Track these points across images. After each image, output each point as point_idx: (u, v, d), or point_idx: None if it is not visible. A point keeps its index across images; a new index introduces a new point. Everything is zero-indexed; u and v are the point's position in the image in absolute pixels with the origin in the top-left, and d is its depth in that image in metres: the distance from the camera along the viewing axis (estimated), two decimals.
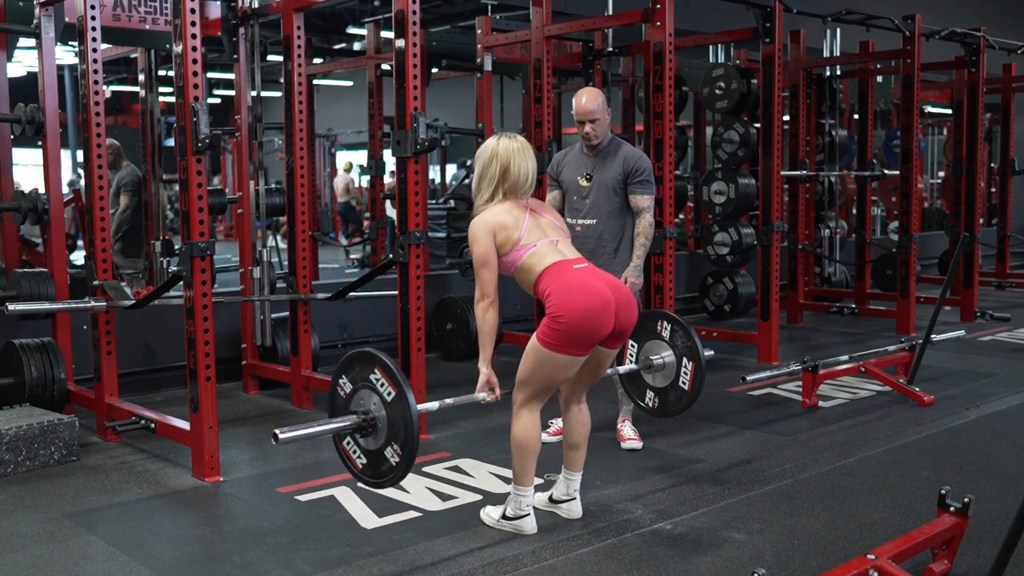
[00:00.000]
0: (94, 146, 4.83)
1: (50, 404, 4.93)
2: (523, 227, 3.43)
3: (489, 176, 3.49)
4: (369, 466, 3.22)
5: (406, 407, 3.07)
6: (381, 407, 3.14)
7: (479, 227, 3.43)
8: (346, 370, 3.26)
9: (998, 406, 5.44)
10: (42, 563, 3.33)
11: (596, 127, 4.47)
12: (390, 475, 3.17)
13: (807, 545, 3.41)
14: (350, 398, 3.24)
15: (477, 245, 3.42)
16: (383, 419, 3.14)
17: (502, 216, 3.44)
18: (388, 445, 3.13)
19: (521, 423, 3.46)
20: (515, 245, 3.41)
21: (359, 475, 3.28)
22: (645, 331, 4.12)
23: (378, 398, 3.14)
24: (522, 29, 7.12)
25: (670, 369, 4.08)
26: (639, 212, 4.49)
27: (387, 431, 3.13)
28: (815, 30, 8.60)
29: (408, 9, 4.56)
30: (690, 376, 4.02)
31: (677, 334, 4.04)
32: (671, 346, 4.06)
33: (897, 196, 9.19)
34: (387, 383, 3.11)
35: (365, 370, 3.18)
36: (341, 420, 3.20)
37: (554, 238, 3.48)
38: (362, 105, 8.40)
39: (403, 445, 3.10)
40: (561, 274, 3.36)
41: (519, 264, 3.42)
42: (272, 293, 5.73)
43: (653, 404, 4.18)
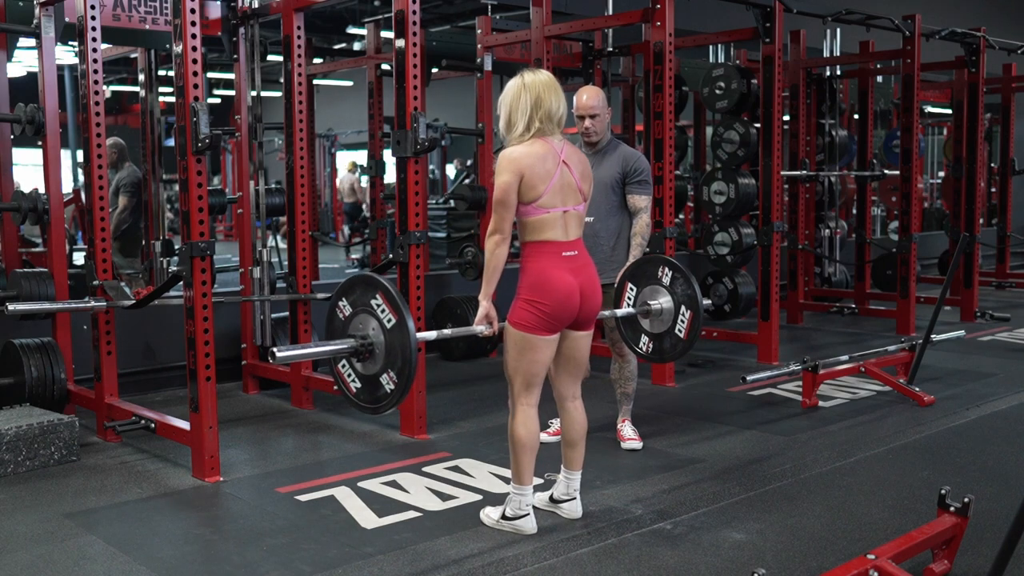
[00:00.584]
0: (94, 146, 4.83)
1: (50, 404, 4.93)
2: (550, 184, 3.38)
3: (521, 108, 3.41)
4: (364, 391, 3.20)
5: (405, 334, 3.03)
6: (380, 333, 3.10)
7: (509, 161, 3.36)
8: (347, 293, 3.22)
9: (998, 406, 5.44)
10: (42, 563, 3.33)
11: (596, 123, 4.47)
12: (384, 401, 3.15)
13: (807, 545, 3.41)
14: (348, 321, 3.20)
15: (501, 177, 3.36)
16: (381, 344, 3.10)
17: (536, 163, 3.37)
18: (384, 372, 3.11)
19: (518, 420, 3.47)
20: (535, 200, 3.37)
21: (353, 399, 3.26)
22: (645, 276, 4.12)
23: (377, 323, 3.11)
24: (522, 29, 7.12)
25: (667, 316, 4.08)
26: (637, 212, 4.50)
27: (384, 357, 3.10)
28: (815, 30, 8.60)
29: (408, 9, 4.57)
30: (687, 324, 4.01)
31: (677, 281, 4.03)
32: (670, 293, 4.06)
33: (897, 196, 9.20)
34: (388, 309, 3.08)
35: (366, 294, 3.15)
36: (339, 343, 3.17)
37: (568, 208, 3.44)
38: (362, 105, 8.39)
39: (399, 373, 3.07)
40: (545, 257, 3.39)
41: (527, 219, 3.42)
42: (272, 293, 5.73)
43: (647, 349, 4.18)
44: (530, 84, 3.42)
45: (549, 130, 3.44)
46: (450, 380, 6.28)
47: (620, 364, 4.68)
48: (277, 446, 4.88)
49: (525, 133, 3.41)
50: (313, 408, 5.52)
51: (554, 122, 3.45)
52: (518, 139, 3.41)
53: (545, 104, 3.41)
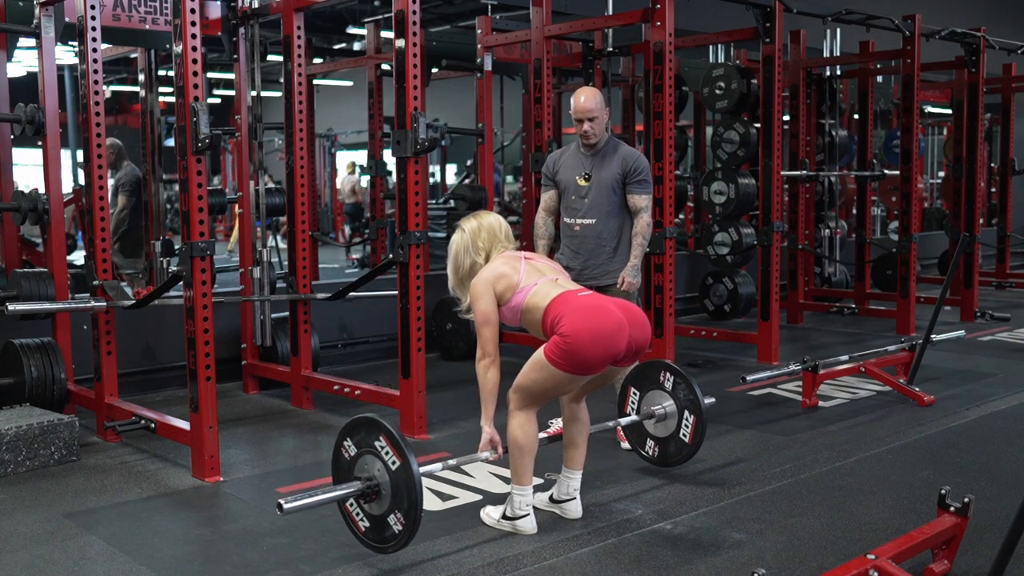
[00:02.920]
0: (94, 146, 4.83)
1: (50, 404, 4.93)
2: (521, 271, 3.47)
3: (465, 247, 3.56)
4: (372, 530, 3.24)
5: (410, 477, 3.07)
6: (385, 473, 3.15)
7: (479, 284, 3.46)
8: (351, 434, 3.27)
9: (998, 406, 5.44)
10: (42, 563, 3.33)
11: (594, 125, 4.47)
12: (393, 542, 3.17)
13: (807, 545, 3.41)
14: (354, 461, 3.25)
15: (479, 302, 3.44)
16: (387, 485, 3.14)
17: (499, 267, 3.49)
18: (392, 512, 3.15)
19: (517, 422, 3.46)
20: (516, 289, 3.44)
21: (362, 539, 3.28)
22: (648, 380, 4.14)
23: (382, 464, 3.15)
24: (522, 29, 7.12)
25: (671, 420, 4.10)
26: (637, 212, 4.50)
27: (391, 498, 3.14)
28: (815, 30, 8.60)
29: (408, 9, 4.56)
30: (691, 429, 4.03)
31: (680, 386, 4.05)
32: (673, 397, 4.07)
33: (897, 196, 9.20)
34: (391, 451, 3.13)
35: (370, 436, 3.20)
36: (346, 487, 3.21)
37: (553, 276, 3.51)
38: (362, 105, 8.40)
39: (406, 515, 3.11)
40: (569, 302, 3.37)
41: (524, 305, 3.43)
42: (272, 293, 5.73)
43: (653, 453, 4.20)
44: (467, 227, 3.61)
45: (498, 247, 3.57)
46: (450, 380, 6.28)
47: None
48: (277, 446, 4.88)
49: (478, 261, 3.54)
50: (313, 408, 5.52)
51: (500, 237, 3.58)
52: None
53: (485, 229, 3.58)
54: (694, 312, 8.69)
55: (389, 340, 6.61)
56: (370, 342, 7.02)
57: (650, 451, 4.20)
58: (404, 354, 4.80)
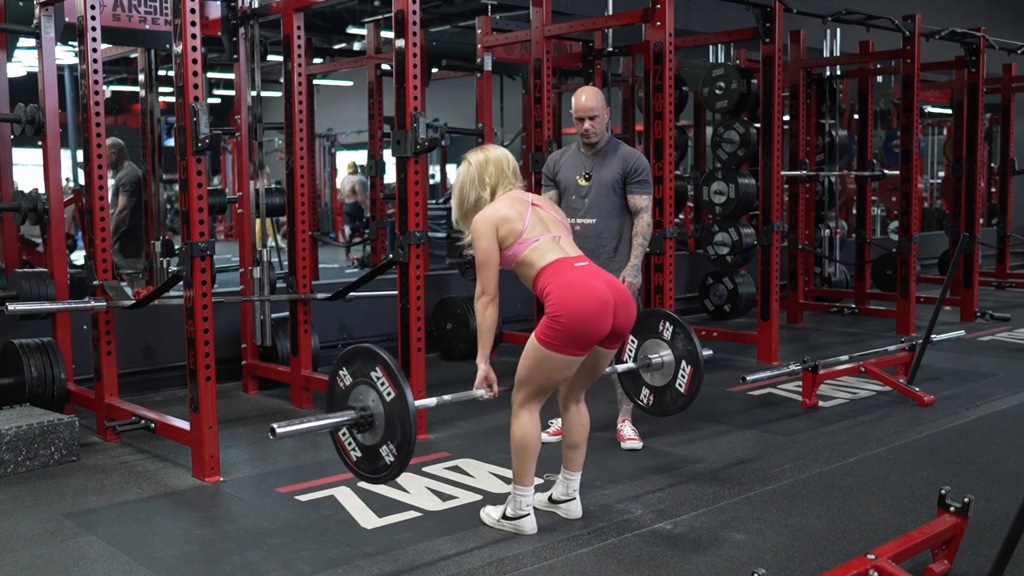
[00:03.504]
0: (94, 146, 4.83)
1: (50, 404, 4.93)
2: (526, 220, 3.43)
3: (470, 180, 3.51)
4: (364, 460, 3.22)
5: (404, 409, 3.06)
6: (379, 404, 3.13)
7: (482, 222, 3.42)
8: (347, 363, 3.25)
9: (998, 406, 5.44)
10: (42, 563, 3.33)
11: (595, 124, 4.47)
12: (384, 472, 3.17)
13: (807, 545, 3.41)
14: (349, 391, 3.23)
15: (480, 240, 3.41)
16: (380, 416, 3.13)
17: (505, 209, 3.44)
18: (384, 444, 3.13)
19: (521, 423, 3.46)
20: (518, 238, 3.41)
21: (353, 468, 3.28)
22: (646, 329, 4.11)
23: (377, 395, 3.14)
24: (522, 29, 7.12)
25: (668, 369, 4.07)
26: (637, 212, 4.50)
27: (384, 429, 3.12)
28: (815, 30, 8.60)
29: (408, 9, 4.56)
30: (687, 380, 4.02)
31: (678, 336, 4.03)
32: (671, 347, 4.06)
33: (897, 196, 9.20)
34: (387, 382, 3.11)
35: (366, 366, 3.18)
36: (339, 415, 3.19)
37: (556, 234, 3.48)
38: (362, 105, 8.40)
39: (399, 446, 3.10)
40: (561, 272, 3.36)
41: (521, 258, 3.42)
42: (272, 293, 5.73)
43: (648, 402, 4.18)
44: (473, 160, 3.53)
45: (505, 184, 3.51)
46: (450, 380, 6.28)
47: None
48: (277, 446, 4.87)
49: (483, 196, 3.49)
50: (313, 408, 5.52)
51: (508, 173, 3.52)
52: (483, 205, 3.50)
53: (492, 163, 3.51)
54: (694, 312, 8.69)
55: (389, 340, 6.59)
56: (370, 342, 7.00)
57: (645, 399, 4.19)
58: (404, 354, 4.80)
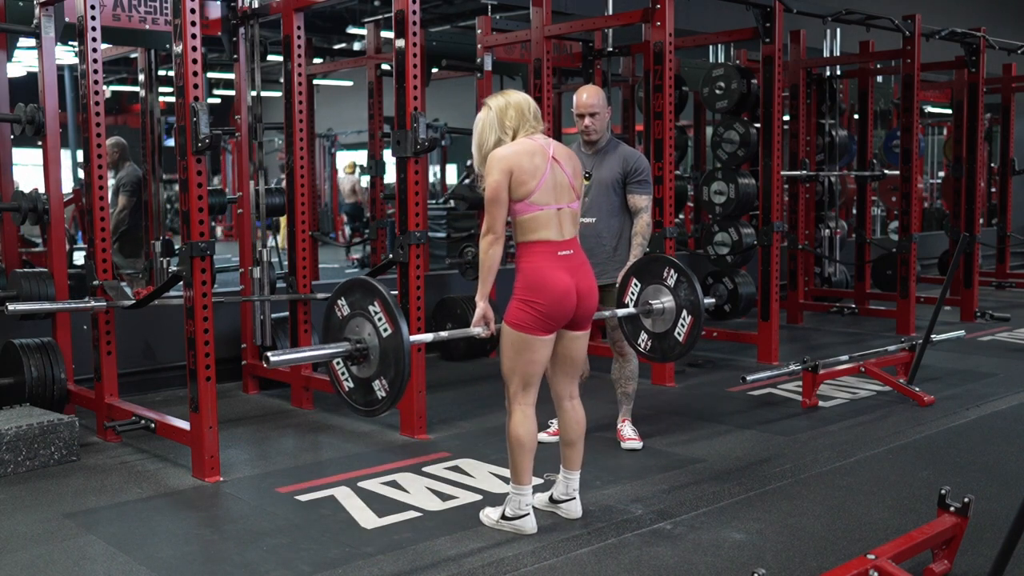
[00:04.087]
0: (94, 146, 4.83)
1: (50, 404, 4.93)
2: (541, 180, 3.39)
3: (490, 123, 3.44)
4: (356, 391, 3.23)
5: (399, 346, 3.05)
6: (375, 338, 3.12)
7: (497, 160, 3.37)
8: (346, 293, 3.24)
9: (998, 406, 5.44)
10: (42, 563, 3.33)
11: (595, 121, 4.47)
12: (376, 406, 3.18)
13: (807, 545, 3.41)
14: (345, 322, 3.22)
15: (491, 176, 3.37)
16: (376, 350, 3.12)
17: (524, 158, 3.38)
18: (377, 378, 3.13)
19: (516, 420, 3.47)
20: (527, 196, 3.38)
21: (345, 397, 3.28)
22: (651, 275, 4.11)
23: (373, 329, 3.13)
24: (522, 29, 7.12)
25: (668, 316, 4.07)
26: (637, 212, 4.51)
27: (378, 363, 3.13)
28: (815, 30, 8.60)
29: (408, 9, 4.56)
30: (687, 329, 4.01)
31: (682, 285, 4.02)
32: (673, 295, 4.05)
33: (897, 196, 9.20)
34: (384, 318, 3.10)
35: (365, 299, 3.17)
36: (334, 347, 3.20)
37: (561, 205, 3.45)
38: (362, 105, 8.39)
39: (391, 382, 3.10)
40: (541, 257, 3.39)
41: (520, 218, 3.42)
42: (272, 293, 5.73)
43: (646, 347, 4.18)
44: (493, 104, 3.48)
45: (526, 127, 3.44)
46: (450, 380, 6.28)
47: (621, 364, 4.68)
48: (277, 446, 4.88)
49: (504, 139, 3.43)
50: (313, 408, 5.52)
51: (529, 117, 3.45)
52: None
53: (513, 107, 3.45)
54: None
55: None
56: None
57: (643, 344, 4.19)
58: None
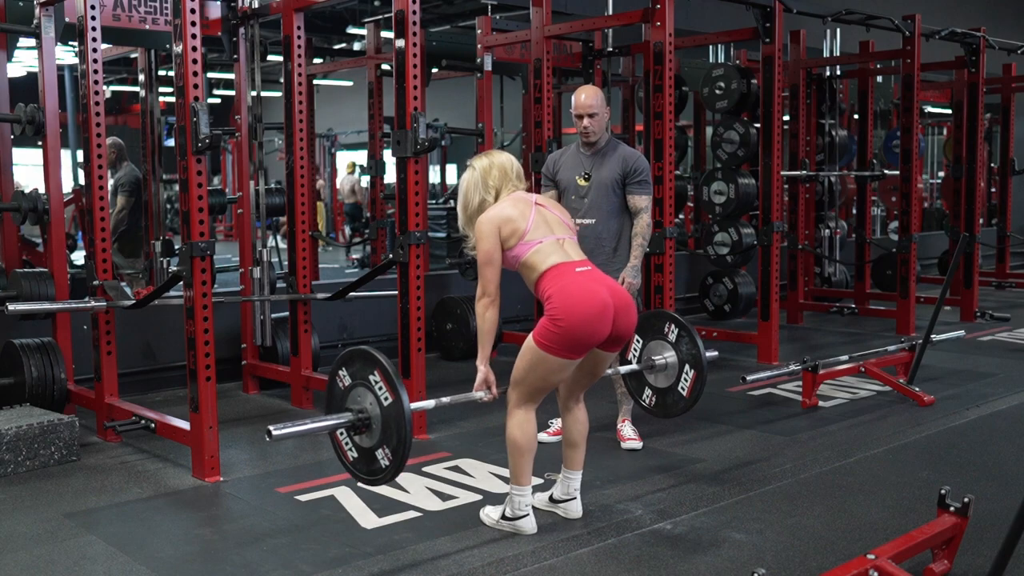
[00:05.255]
0: (94, 146, 4.83)
1: (50, 404, 4.93)
2: (529, 220, 3.43)
3: (474, 184, 3.52)
4: (360, 461, 3.23)
5: (400, 414, 3.07)
6: (376, 407, 3.15)
7: (485, 223, 3.43)
8: (347, 364, 3.26)
9: (998, 406, 5.44)
10: (42, 563, 3.33)
11: (594, 122, 4.46)
12: (380, 475, 3.18)
13: (807, 545, 3.41)
14: (347, 392, 3.24)
15: (482, 241, 3.41)
16: (377, 419, 3.14)
17: (508, 209, 3.44)
18: (380, 447, 3.15)
19: (516, 422, 3.46)
20: (521, 239, 3.41)
21: (349, 467, 3.29)
22: (652, 330, 4.11)
23: (374, 398, 3.15)
24: (522, 29, 7.12)
25: (671, 371, 4.07)
26: (637, 212, 4.49)
27: (380, 433, 3.14)
28: (815, 30, 8.60)
29: (408, 9, 4.56)
30: (690, 383, 4.02)
31: (683, 339, 4.03)
32: (675, 349, 4.06)
33: (897, 196, 9.20)
34: (385, 387, 3.12)
35: (365, 369, 3.19)
36: (336, 418, 3.21)
37: (560, 236, 3.47)
38: (362, 105, 8.39)
39: (394, 451, 3.11)
40: (563, 277, 3.35)
41: (523, 260, 3.42)
42: (272, 293, 5.73)
43: (650, 403, 4.18)
44: (477, 165, 3.55)
45: (509, 186, 3.52)
46: (450, 380, 6.28)
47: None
48: (277, 446, 4.87)
49: (487, 199, 3.49)
50: (313, 408, 5.52)
51: (512, 176, 3.53)
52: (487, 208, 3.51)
53: (496, 167, 3.52)
54: (694, 312, 8.69)
55: (389, 340, 6.59)
56: (370, 342, 7.01)
57: (648, 400, 4.19)
58: (404, 354, 4.80)
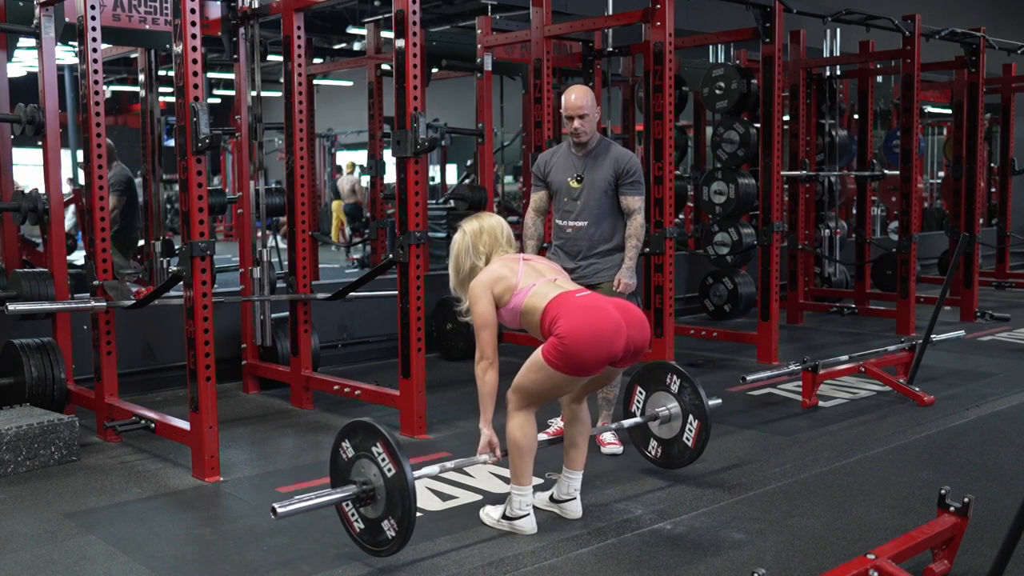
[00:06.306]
0: (94, 146, 4.83)
1: (50, 404, 4.93)
2: (519, 273, 3.48)
3: (465, 249, 3.57)
4: (367, 533, 3.26)
5: (404, 485, 3.08)
6: (380, 478, 3.16)
7: (478, 286, 3.47)
8: (349, 435, 3.28)
9: (998, 406, 5.44)
10: (42, 563, 3.33)
11: (585, 123, 4.45)
12: (386, 546, 3.19)
13: (807, 545, 3.41)
14: (351, 464, 3.26)
15: (477, 305, 3.45)
16: (382, 491, 3.16)
17: (498, 269, 3.50)
18: (386, 518, 3.16)
19: (516, 423, 3.45)
20: (514, 291, 3.44)
21: (356, 539, 3.30)
22: (655, 381, 4.14)
23: (378, 470, 3.17)
24: (522, 29, 7.12)
25: (675, 422, 4.10)
26: (630, 214, 4.46)
27: (385, 504, 3.16)
28: (815, 30, 8.60)
29: (408, 9, 4.56)
30: (695, 434, 4.03)
31: (686, 391, 4.05)
32: (678, 400, 4.07)
33: (897, 196, 9.20)
34: (388, 459, 3.14)
35: (367, 441, 3.20)
36: (341, 491, 3.23)
37: (552, 277, 3.51)
38: (362, 105, 8.40)
39: (399, 522, 3.13)
40: (567, 303, 3.36)
41: (522, 307, 3.43)
42: (272, 293, 5.73)
43: (656, 454, 4.20)
44: (468, 229, 3.60)
45: (499, 251, 3.58)
46: (450, 380, 6.28)
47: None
48: (277, 446, 4.88)
49: (478, 264, 3.54)
50: (313, 408, 5.52)
51: (502, 241, 3.59)
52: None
53: (487, 232, 3.58)
54: (694, 312, 8.69)
55: (389, 340, 6.60)
56: (370, 342, 7.02)
57: (653, 451, 4.20)
58: (404, 354, 4.80)
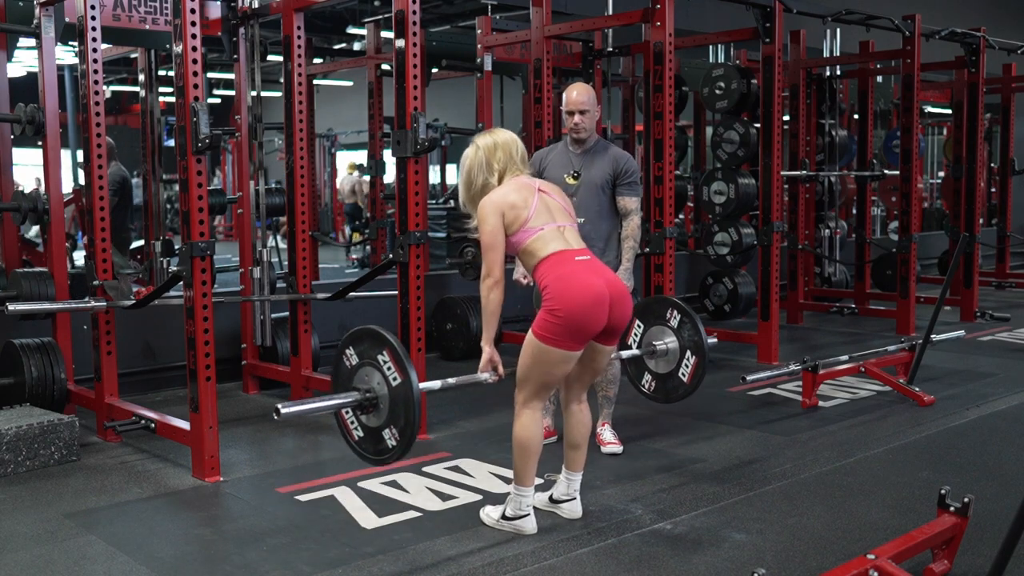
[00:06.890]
0: (94, 146, 4.83)
1: (50, 404, 4.93)
2: (532, 207, 3.42)
3: (478, 164, 3.49)
4: (366, 440, 3.21)
5: (409, 395, 3.04)
6: (384, 387, 3.11)
7: (488, 206, 3.42)
8: (355, 343, 3.23)
9: (998, 406, 5.44)
10: (42, 563, 3.33)
11: (585, 119, 4.44)
12: (386, 455, 3.16)
13: (807, 545, 3.41)
14: (354, 371, 3.21)
15: (485, 224, 3.41)
16: (385, 399, 3.11)
17: (512, 195, 3.43)
18: (387, 427, 3.12)
19: (523, 423, 3.45)
20: (523, 226, 3.40)
21: (355, 447, 3.27)
22: (654, 315, 4.11)
23: (382, 378, 3.12)
24: (522, 29, 7.13)
25: (672, 357, 4.07)
26: (627, 214, 4.45)
27: (388, 413, 3.11)
28: (815, 30, 8.60)
29: (408, 9, 4.56)
30: (691, 370, 4.01)
31: (685, 326, 4.02)
32: (677, 335, 4.04)
33: (897, 196, 9.20)
34: (394, 368, 3.09)
35: (373, 348, 3.16)
36: (343, 396, 3.18)
37: (561, 223, 3.47)
38: (362, 105, 8.40)
39: (402, 431, 3.09)
40: (561, 265, 3.35)
41: (524, 246, 3.42)
42: (272, 293, 5.73)
43: (649, 388, 4.18)
44: (481, 144, 3.52)
45: (513, 169, 3.50)
46: None
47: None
48: (277, 446, 4.88)
49: (491, 181, 3.47)
50: None
51: (516, 159, 3.51)
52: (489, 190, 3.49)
53: (501, 148, 3.49)
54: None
55: None
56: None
57: (647, 385, 4.18)
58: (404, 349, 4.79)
